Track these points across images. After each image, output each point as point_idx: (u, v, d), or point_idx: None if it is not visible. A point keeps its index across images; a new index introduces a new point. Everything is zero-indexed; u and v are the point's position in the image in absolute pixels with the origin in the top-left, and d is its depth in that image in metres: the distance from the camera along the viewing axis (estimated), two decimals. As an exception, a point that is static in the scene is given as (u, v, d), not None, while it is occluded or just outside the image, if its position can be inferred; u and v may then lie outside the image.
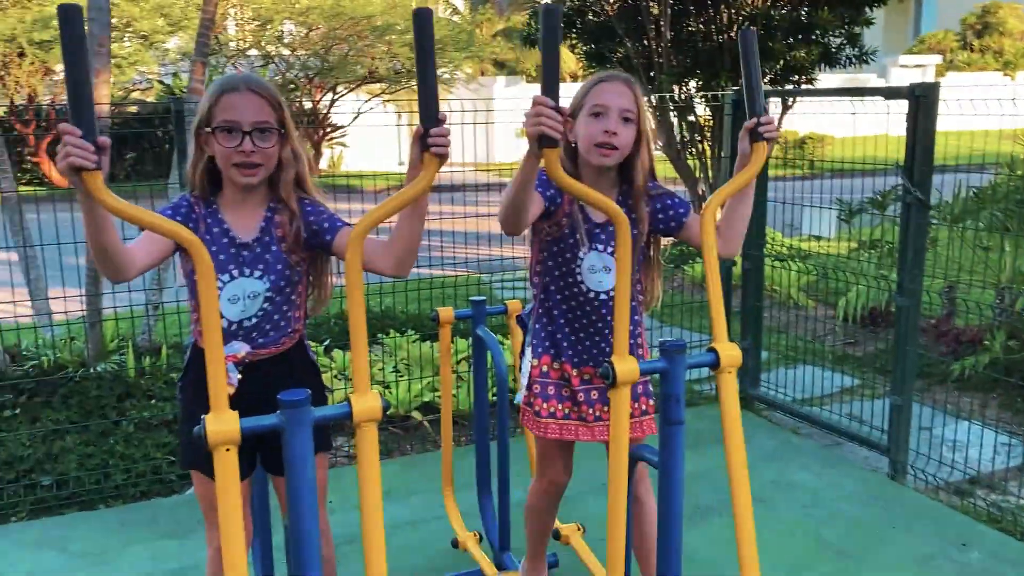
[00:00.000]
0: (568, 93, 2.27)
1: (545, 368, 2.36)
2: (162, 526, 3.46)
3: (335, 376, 4.75)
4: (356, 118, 18.36)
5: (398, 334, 5.21)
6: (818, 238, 5.93)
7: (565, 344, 2.34)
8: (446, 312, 2.97)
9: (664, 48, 8.13)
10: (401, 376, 4.69)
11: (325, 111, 19.44)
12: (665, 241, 2.57)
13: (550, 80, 1.71)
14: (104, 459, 3.74)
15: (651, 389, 2.44)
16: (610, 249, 2.26)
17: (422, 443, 4.32)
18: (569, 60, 24.25)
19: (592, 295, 2.28)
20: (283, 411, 1.55)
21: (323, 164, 19.88)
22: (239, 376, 2.01)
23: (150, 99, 18.35)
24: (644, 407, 2.38)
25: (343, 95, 19.67)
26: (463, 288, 6.13)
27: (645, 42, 8.27)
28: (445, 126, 1.67)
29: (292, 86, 18.53)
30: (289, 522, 1.61)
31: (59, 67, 17.21)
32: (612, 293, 2.26)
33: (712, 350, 1.91)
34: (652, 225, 2.28)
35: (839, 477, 3.85)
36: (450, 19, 21.45)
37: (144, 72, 17.76)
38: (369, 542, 1.64)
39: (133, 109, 17.41)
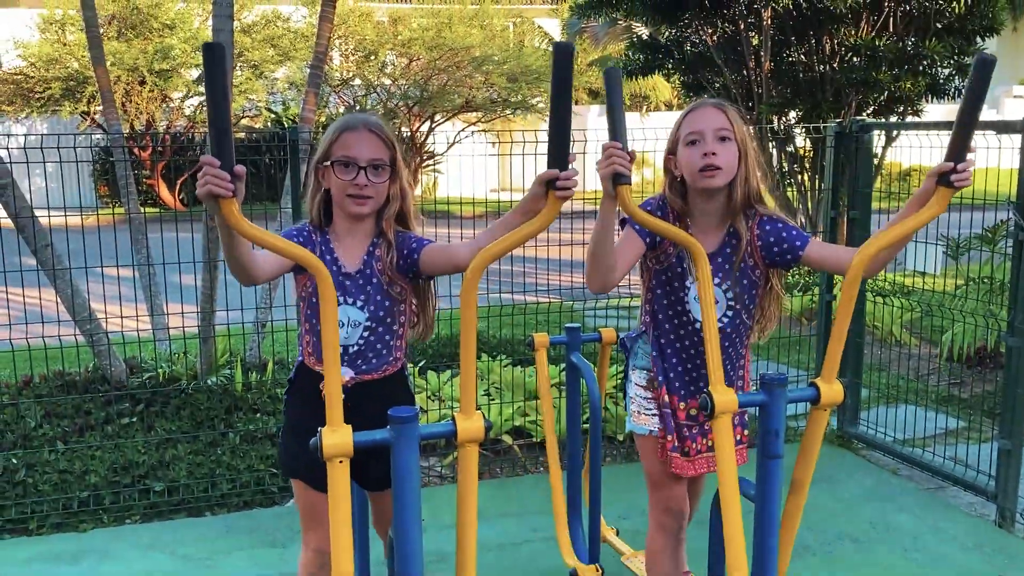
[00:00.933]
0: (662, 123, 2.32)
1: (667, 399, 2.36)
2: (263, 535, 3.61)
3: (428, 397, 4.86)
4: (451, 146, 18.78)
5: (489, 358, 5.29)
6: (923, 274, 5.75)
7: (672, 375, 2.35)
8: (541, 338, 3.03)
9: (764, 78, 8.07)
10: (492, 400, 4.76)
11: (423, 139, 19.94)
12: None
13: (617, 126, 1.86)
14: (211, 468, 3.93)
15: (746, 420, 2.44)
16: (718, 278, 2.26)
17: (512, 467, 4.37)
18: (664, 89, 24.25)
19: (699, 326, 2.27)
20: (393, 426, 1.63)
21: (418, 191, 20.32)
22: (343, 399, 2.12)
23: (258, 125, 19.18)
24: (739, 436, 2.37)
25: (440, 123, 20.14)
26: (555, 315, 6.18)
27: (744, 72, 8.22)
28: (573, 167, 1.76)
29: (392, 114, 19.08)
30: (394, 533, 1.68)
31: (176, 95, 18.20)
32: (723, 323, 2.27)
33: (814, 385, 1.91)
34: (766, 256, 2.27)
35: (942, 521, 3.72)
36: (546, 49, 21.70)
37: (254, 100, 18.56)
38: (463, 560, 1.70)
39: (242, 135, 18.22)
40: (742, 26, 8.04)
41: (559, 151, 1.72)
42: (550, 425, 3.12)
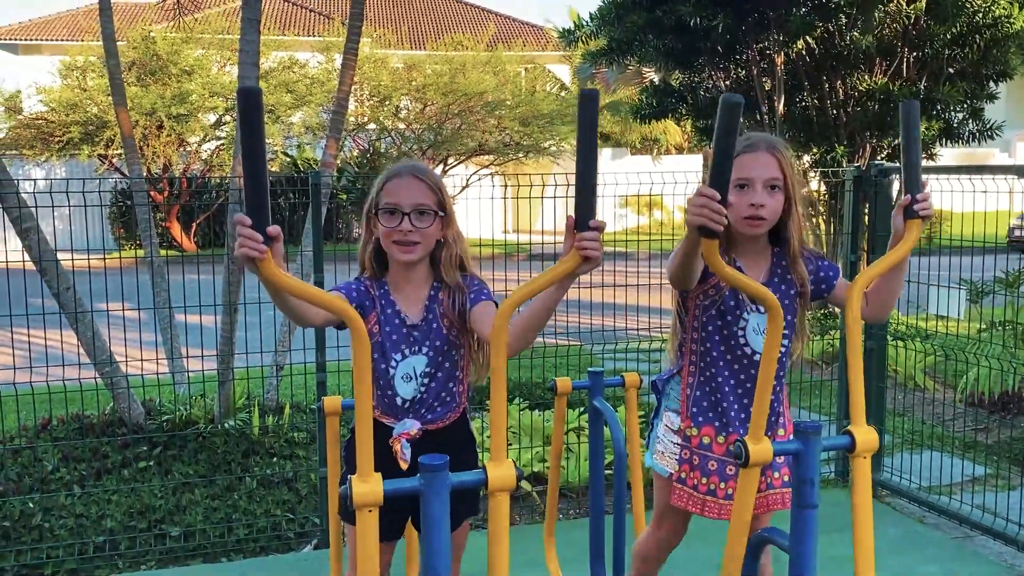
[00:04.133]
0: (675, 166, 2.31)
1: (707, 440, 2.33)
2: (279, 582, 3.55)
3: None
4: (464, 188, 18.90)
5: (508, 401, 5.26)
6: (944, 318, 5.72)
7: (732, 413, 2.30)
8: (564, 383, 3.00)
9: (777, 122, 8.12)
10: (510, 445, 4.72)
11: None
12: None
13: (720, 174, 1.69)
14: (228, 513, 3.89)
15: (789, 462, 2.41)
16: (764, 310, 2.25)
17: (530, 514, 4.32)
18: (675, 132, 24.42)
19: (757, 358, 2.24)
20: (423, 475, 1.61)
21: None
22: (410, 450, 2.13)
23: (274, 169, 19.37)
24: (786, 477, 2.35)
25: (454, 166, 20.31)
26: (573, 357, 6.14)
27: (757, 116, 8.27)
28: (597, 232, 1.64)
29: (406, 158, 19.28)
30: None
31: (193, 139, 18.42)
32: (778, 351, 2.25)
33: (848, 433, 1.88)
34: (812, 286, 2.30)
35: (970, 572, 3.63)
36: (559, 94, 21.95)
37: (270, 144, 18.78)
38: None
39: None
40: (755, 71, 8.11)
41: (584, 211, 1.63)
42: (555, 477, 3.09)
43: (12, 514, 3.71)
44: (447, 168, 20.24)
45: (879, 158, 7.80)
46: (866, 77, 7.76)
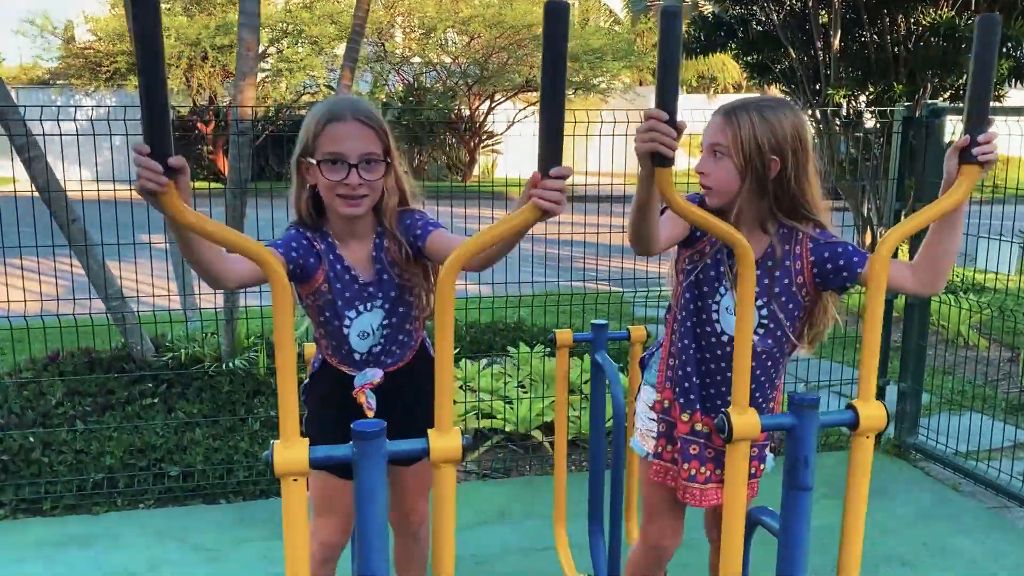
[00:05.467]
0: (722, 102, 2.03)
1: (686, 418, 2.12)
2: (277, 526, 3.47)
3: (461, 387, 4.68)
4: (510, 126, 18.53)
5: (528, 348, 5.08)
6: (996, 273, 5.35)
7: (693, 396, 2.09)
8: (564, 335, 2.80)
9: (832, 59, 7.63)
10: (525, 392, 4.56)
11: (482, 118, 19.74)
12: None
13: (667, 91, 1.45)
14: (229, 454, 3.81)
15: (765, 453, 2.18)
16: (756, 290, 2.00)
17: (541, 464, 4.17)
18: (734, 70, 23.55)
19: (726, 339, 2.02)
20: (355, 442, 1.43)
21: (476, 171, 20.16)
22: (375, 398, 2.04)
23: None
24: (753, 469, 2.12)
25: (500, 103, 19.90)
26: (603, 305, 5.92)
27: (811, 53, 7.79)
28: (562, 182, 1.42)
29: (451, 93, 18.91)
30: (357, 562, 1.49)
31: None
32: (754, 340, 2.01)
33: (852, 408, 1.65)
34: (820, 279, 1.99)
35: (1004, 545, 3.39)
36: (610, 28, 21.25)
37: (314, 76, 18.56)
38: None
39: (304, 112, 18.21)
40: (811, 3, 7.61)
41: (548, 154, 1.39)
42: (562, 426, 2.90)
43: (12, 448, 3.67)
44: (494, 104, 19.86)
45: (941, 99, 7.30)
46: (930, 11, 7.20)
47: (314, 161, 1.91)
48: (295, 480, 1.44)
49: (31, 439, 3.72)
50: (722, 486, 2.05)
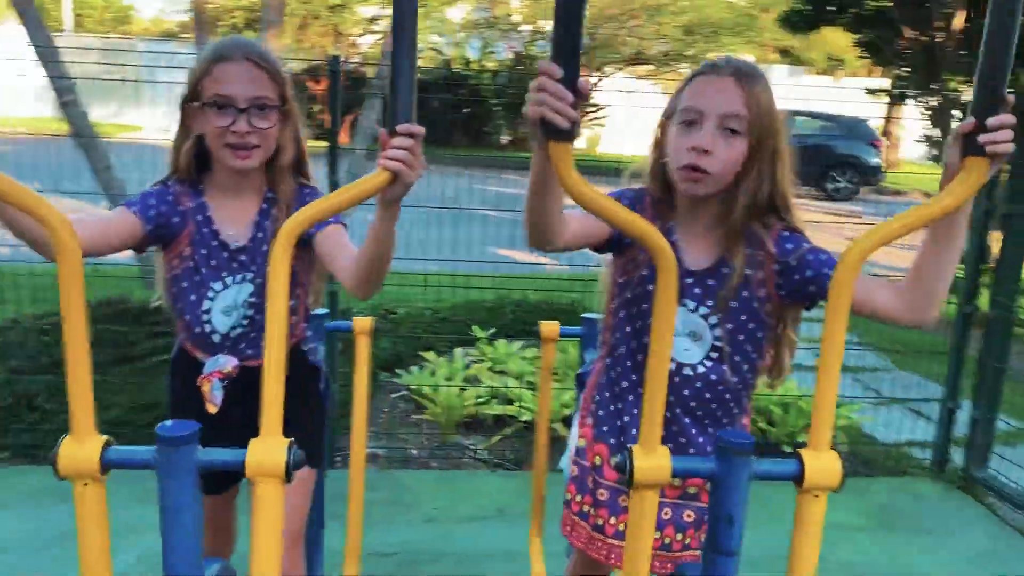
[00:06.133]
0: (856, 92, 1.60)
1: (599, 461, 1.74)
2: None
3: (488, 368, 4.44)
4: (616, 100, 18.00)
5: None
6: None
7: (633, 432, 1.68)
8: (550, 328, 2.49)
9: (952, 40, 6.91)
10: (558, 380, 4.27)
11: (588, 90, 19.28)
12: None
13: (564, 44, 1.12)
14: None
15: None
16: (706, 307, 1.62)
17: (558, 457, 3.89)
18: (842, 45, 22.13)
19: (673, 367, 1.61)
20: (158, 448, 1.20)
21: (581, 144, 19.76)
22: (222, 393, 1.76)
23: (428, 66, 19.16)
24: (688, 540, 1.72)
25: (609, 75, 19.37)
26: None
27: (928, 33, 7.08)
28: (410, 140, 1.25)
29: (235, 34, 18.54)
30: None
31: (352, 31, 18.44)
32: (705, 368, 1.64)
33: (798, 457, 1.29)
34: (783, 284, 1.59)
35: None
36: (731, 1, 20.33)
37: (427, 43, 18.50)
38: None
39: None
40: (932, -22, 6.91)
41: (400, 98, 1.22)
42: (544, 423, 2.61)
43: (18, 392, 3.66)
44: (601, 76, 19.34)
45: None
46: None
47: (199, 104, 1.67)
48: (86, 484, 1.22)
49: (33, 387, 3.70)
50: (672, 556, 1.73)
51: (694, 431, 1.66)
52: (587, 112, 19.65)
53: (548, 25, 18.58)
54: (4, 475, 3.41)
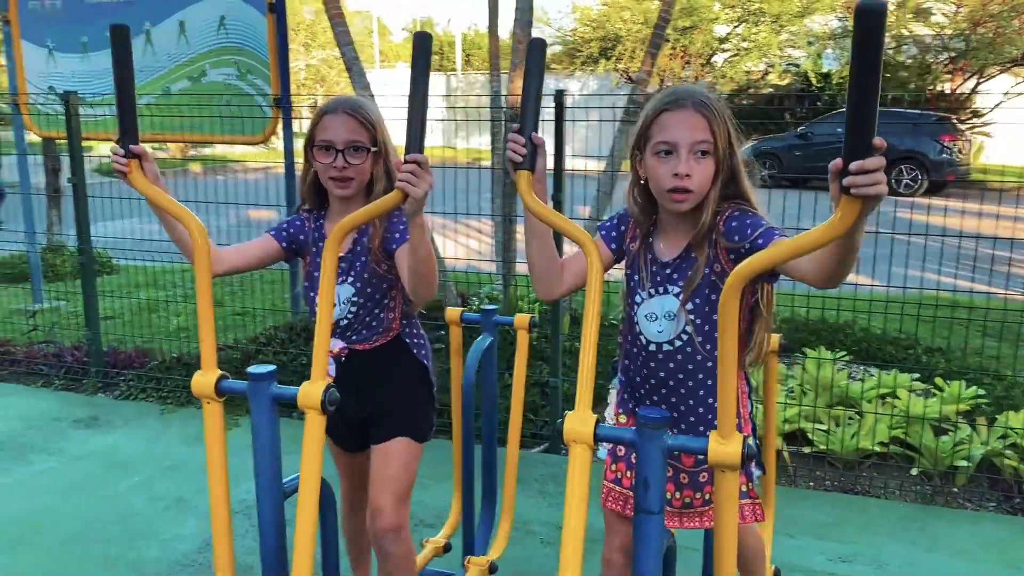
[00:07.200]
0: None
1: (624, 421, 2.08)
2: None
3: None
4: (996, 107, 16.13)
5: (830, 353, 4.72)
6: None
7: (631, 405, 2.03)
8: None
9: None
10: (792, 398, 4.28)
11: (964, 97, 17.48)
12: None
13: (525, 108, 1.71)
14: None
15: (752, 470, 1.97)
16: (679, 288, 1.88)
17: (777, 474, 3.93)
18: None
19: (653, 347, 1.92)
20: (248, 383, 1.76)
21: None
22: (335, 368, 2.26)
23: (780, 82, 18.76)
24: (708, 496, 1.95)
25: (991, 77, 17.39)
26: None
27: None
28: (413, 165, 1.72)
29: (925, 70, 17.06)
30: (258, 500, 1.80)
31: (697, 51, 18.71)
32: (681, 342, 1.88)
33: (706, 438, 1.49)
34: (734, 259, 1.80)
35: None
36: None
37: (779, 56, 18.20)
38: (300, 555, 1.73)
39: (770, 90, 17.97)
40: None
41: (412, 132, 1.69)
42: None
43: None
44: (981, 80, 17.43)
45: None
46: None
47: (312, 147, 2.23)
48: (208, 403, 1.81)
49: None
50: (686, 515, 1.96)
51: (678, 403, 1.92)
52: (966, 121, 17.78)
53: (909, 31, 17.18)
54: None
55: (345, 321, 2.28)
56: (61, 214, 8.44)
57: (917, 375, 4.57)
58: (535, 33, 21.67)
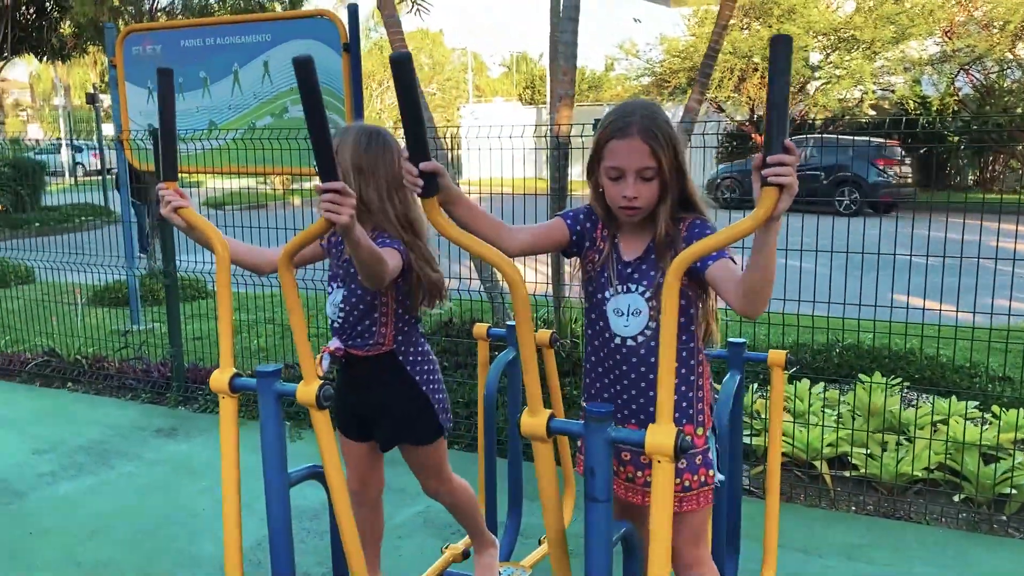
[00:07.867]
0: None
1: None
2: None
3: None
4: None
5: (883, 378, 4.67)
6: None
7: (599, 400, 2.15)
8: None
9: None
10: (841, 422, 4.26)
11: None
12: None
13: (413, 142, 1.76)
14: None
15: (711, 459, 2.09)
16: (642, 286, 2.04)
17: (818, 497, 3.93)
18: None
19: (619, 341, 2.06)
20: (256, 380, 1.98)
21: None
22: (329, 364, 2.42)
23: (871, 110, 18.34)
24: (687, 482, 2.06)
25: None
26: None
27: None
28: (330, 194, 1.83)
29: (1018, 96, 16.39)
30: (266, 488, 2.01)
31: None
32: (644, 337, 2.02)
33: (644, 430, 1.63)
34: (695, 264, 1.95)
35: None
36: None
37: (877, 81, 17.80)
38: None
39: (871, 115, 17.54)
40: None
41: (320, 159, 1.77)
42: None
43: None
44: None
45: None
46: None
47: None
48: (223, 398, 2.04)
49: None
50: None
51: (638, 395, 2.04)
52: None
53: (1014, 55, 16.53)
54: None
55: (337, 323, 2.46)
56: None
57: (976, 403, 4.46)
58: (622, 67, 21.67)
